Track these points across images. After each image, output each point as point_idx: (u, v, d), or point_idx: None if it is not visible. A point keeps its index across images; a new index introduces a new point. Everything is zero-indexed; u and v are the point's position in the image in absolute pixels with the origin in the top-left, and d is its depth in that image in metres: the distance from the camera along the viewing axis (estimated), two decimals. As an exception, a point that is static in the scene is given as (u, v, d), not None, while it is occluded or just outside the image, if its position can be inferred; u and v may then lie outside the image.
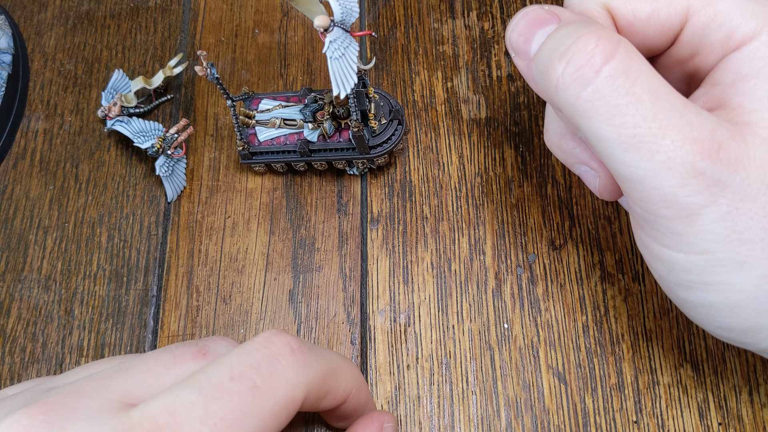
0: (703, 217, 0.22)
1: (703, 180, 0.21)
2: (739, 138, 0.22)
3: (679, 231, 0.22)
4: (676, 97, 0.22)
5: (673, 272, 0.24)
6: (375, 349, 0.32)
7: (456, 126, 0.36)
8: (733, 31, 0.24)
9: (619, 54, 0.22)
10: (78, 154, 0.37)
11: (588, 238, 0.33)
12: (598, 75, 0.22)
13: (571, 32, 0.23)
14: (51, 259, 0.35)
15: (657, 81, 0.22)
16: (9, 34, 0.39)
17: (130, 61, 0.39)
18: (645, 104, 0.21)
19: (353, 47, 0.28)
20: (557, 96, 0.23)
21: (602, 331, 0.31)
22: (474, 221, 0.34)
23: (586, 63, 0.22)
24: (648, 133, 0.21)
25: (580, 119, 0.23)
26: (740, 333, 0.24)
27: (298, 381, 0.23)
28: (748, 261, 0.22)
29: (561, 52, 0.23)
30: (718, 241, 0.22)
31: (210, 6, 0.41)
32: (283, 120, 0.34)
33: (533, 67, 0.24)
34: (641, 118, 0.21)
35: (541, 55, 0.24)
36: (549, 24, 0.24)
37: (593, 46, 0.22)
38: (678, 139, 0.21)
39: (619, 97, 0.22)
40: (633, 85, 0.22)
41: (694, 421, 0.30)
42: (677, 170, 0.21)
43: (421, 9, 0.39)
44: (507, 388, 0.31)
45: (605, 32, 0.22)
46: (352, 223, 0.34)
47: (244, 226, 0.35)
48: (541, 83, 0.24)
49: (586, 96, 0.22)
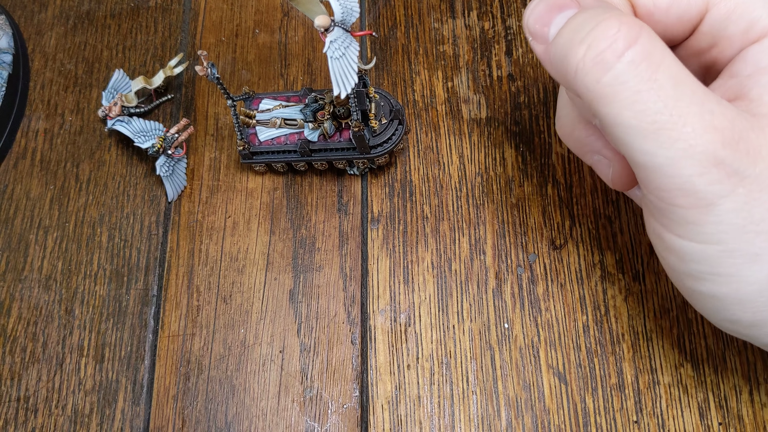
0: (720, 207, 0.22)
1: (723, 169, 0.21)
2: (759, 129, 0.22)
3: (694, 220, 0.22)
4: (697, 85, 0.22)
5: (684, 262, 0.24)
6: (375, 349, 0.32)
7: (456, 126, 0.36)
8: (753, 23, 0.24)
9: (641, 40, 0.22)
10: (78, 153, 0.37)
11: (588, 238, 0.33)
12: (621, 60, 0.22)
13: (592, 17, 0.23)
14: (51, 259, 0.35)
15: (678, 68, 0.22)
16: (9, 34, 0.39)
17: (131, 60, 0.39)
18: (667, 91, 0.21)
19: (354, 47, 0.28)
20: (576, 81, 0.23)
21: (602, 331, 0.31)
22: (474, 221, 0.34)
23: (608, 47, 0.22)
24: (669, 120, 0.21)
25: (600, 105, 0.22)
26: (746, 326, 0.24)
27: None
28: (763, 253, 0.22)
29: (582, 36, 0.22)
30: (733, 232, 0.22)
31: (210, 6, 0.41)
32: (284, 120, 0.34)
33: (551, 51, 0.24)
34: (663, 105, 0.21)
35: (561, 39, 0.23)
36: (568, 8, 0.24)
37: (615, 31, 0.22)
38: (699, 127, 0.21)
39: (641, 82, 0.21)
40: (655, 72, 0.21)
41: (694, 420, 0.30)
42: (697, 158, 0.21)
43: (422, 9, 0.39)
44: (507, 388, 0.31)
45: (627, 18, 0.22)
46: (353, 223, 0.34)
47: (245, 225, 0.35)
48: (560, 68, 0.24)
49: (607, 81, 0.22)
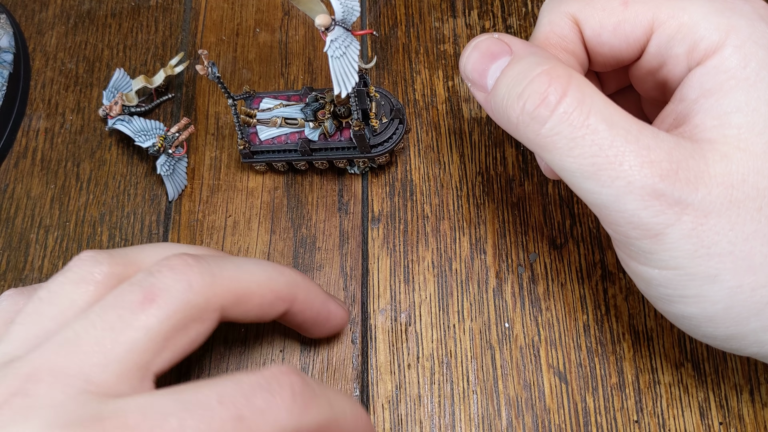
0: (670, 236, 0.22)
1: (664, 200, 0.22)
2: (699, 155, 0.23)
3: (649, 249, 0.23)
4: (631, 123, 0.23)
5: (651, 287, 0.25)
6: (376, 348, 0.32)
7: (457, 125, 0.36)
8: (696, 44, 0.24)
9: (571, 90, 0.23)
10: (79, 153, 0.37)
11: (589, 237, 0.33)
12: (554, 112, 0.23)
13: (524, 71, 0.24)
14: (52, 258, 0.35)
15: (611, 110, 0.23)
16: (10, 33, 0.39)
17: (131, 60, 0.39)
18: (600, 134, 0.22)
19: (354, 46, 0.28)
20: (518, 132, 0.25)
21: (603, 331, 0.31)
22: (475, 220, 0.34)
23: (541, 103, 0.23)
24: (606, 161, 0.22)
25: (543, 152, 0.24)
26: (724, 340, 0.25)
27: (288, 426, 0.21)
28: (719, 274, 0.23)
29: (518, 92, 0.24)
30: (687, 257, 0.23)
31: (211, 5, 0.41)
32: (284, 119, 0.34)
33: (492, 103, 0.26)
34: (598, 148, 0.22)
35: (498, 93, 0.25)
36: (501, 57, 0.26)
37: (546, 86, 0.23)
38: (635, 163, 0.22)
39: (575, 130, 0.23)
40: (587, 118, 0.23)
41: (695, 420, 0.30)
42: (637, 193, 0.22)
43: (422, 8, 0.39)
44: (508, 388, 0.31)
45: (557, 70, 0.24)
46: (353, 222, 0.34)
47: (245, 225, 0.35)
48: (502, 119, 0.25)
49: (544, 132, 0.23)
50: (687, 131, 0.24)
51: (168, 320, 0.22)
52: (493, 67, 0.26)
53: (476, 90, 0.27)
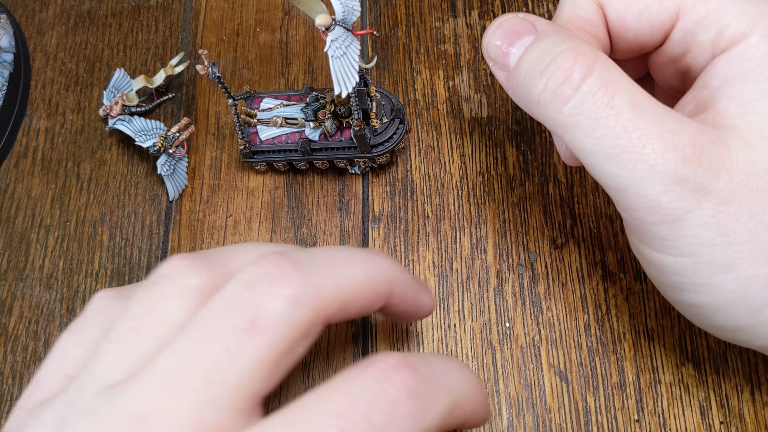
0: (689, 222, 0.22)
1: (686, 186, 0.22)
2: (722, 142, 0.22)
3: (666, 236, 0.23)
4: (655, 106, 0.22)
5: (664, 275, 0.24)
6: (376, 348, 0.32)
7: (457, 125, 0.36)
8: (722, 31, 0.24)
9: (597, 69, 0.22)
10: (79, 153, 0.37)
11: (590, 237, 0.33)
12: (578, 91, 0.22)
13: (549, 48, 0.23)
14: (53, 258, 0.35)
15: (636, 92, 0.22)
16: (10, 33, 0.39)
17: (132, 60, 0.39)
18: (624, 115, 0.22)
19: (355, 46, 0.28)
20: (540, 111, 0.24)
21: (604, 330, 0.31)
22: (475, 220, 0.34)
23: (565, 80, 0.23)
24: (629, 143, 0.22)
25: (564, 133, 0.23)
26: (733, 332, 0.24)
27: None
28: (736, 263, 0.22)
29: (541, 69, 0.23)
30: (705, 244, 0.22)
31: (211, 5, 0.41)
32: (285, 119, 0.34)
33: (513, 81, 0.25)
34: (621, 129, 0.22)
35: (521, 70, 0.24)
36: (526, 35, 0.25)
37: (571, 63, 0.23)
38: (659, 147, 0.22)
39: (599, 110, 0.22)
40: (612, 98, 0.22)
41: (695, 419, 0.30)
42: (659, 178, 0.22)
43: (423, 8, 0.39)
44: (508, 387, 0.31)
45: (582, 47, 0.23)
46: (354, 222, 0.34)
47: (246, 225, 0.35)
48: (523, 98, 0.25)
49: (567, 111, 0.23)
50: (709, 118, 0.23)
51: (277, 346, 0.20)
52: (517, 44, 0.25)
53: (498, 69, 0.26)
